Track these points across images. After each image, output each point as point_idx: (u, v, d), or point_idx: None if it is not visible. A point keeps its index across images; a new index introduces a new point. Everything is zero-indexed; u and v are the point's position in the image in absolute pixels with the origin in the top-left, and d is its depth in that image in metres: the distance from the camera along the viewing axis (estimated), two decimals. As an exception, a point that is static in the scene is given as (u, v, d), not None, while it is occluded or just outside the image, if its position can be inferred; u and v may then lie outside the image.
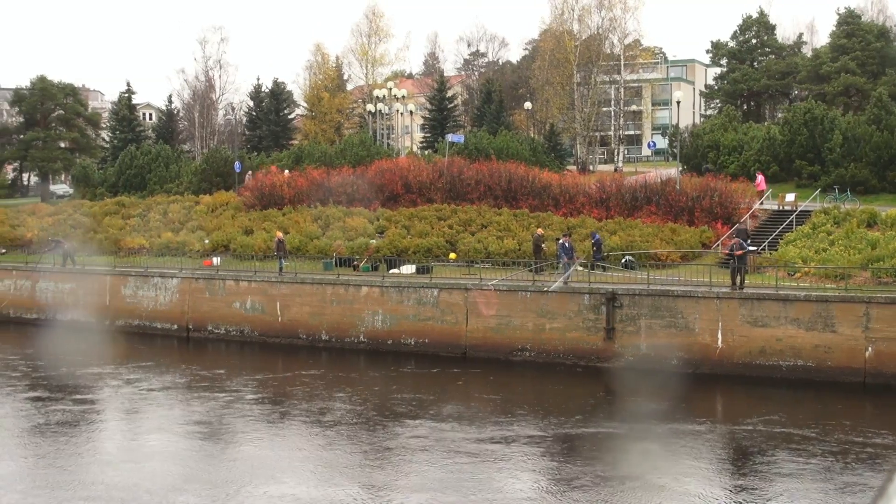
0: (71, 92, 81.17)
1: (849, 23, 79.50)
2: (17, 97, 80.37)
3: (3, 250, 57.72)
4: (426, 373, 36.04)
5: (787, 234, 43.26)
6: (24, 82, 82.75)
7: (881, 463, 22.80)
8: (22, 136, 79.37)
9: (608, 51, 79.82)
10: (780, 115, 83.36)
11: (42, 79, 78.94)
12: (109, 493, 21.31)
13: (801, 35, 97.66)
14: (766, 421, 27.50)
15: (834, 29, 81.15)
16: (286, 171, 59.94)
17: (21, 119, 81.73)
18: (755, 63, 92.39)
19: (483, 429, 26.61)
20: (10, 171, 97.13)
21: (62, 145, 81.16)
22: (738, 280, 34.33)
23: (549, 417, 28.40)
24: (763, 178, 51.85)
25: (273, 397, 32.17)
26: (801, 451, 24.05)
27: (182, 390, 33.24)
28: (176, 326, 45.00)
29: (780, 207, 47.43)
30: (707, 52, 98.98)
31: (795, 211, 45.71)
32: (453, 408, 29.62)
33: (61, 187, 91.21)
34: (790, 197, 48.16)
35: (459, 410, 29.12)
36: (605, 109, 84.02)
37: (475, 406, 29.97)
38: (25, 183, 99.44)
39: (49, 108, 79.39)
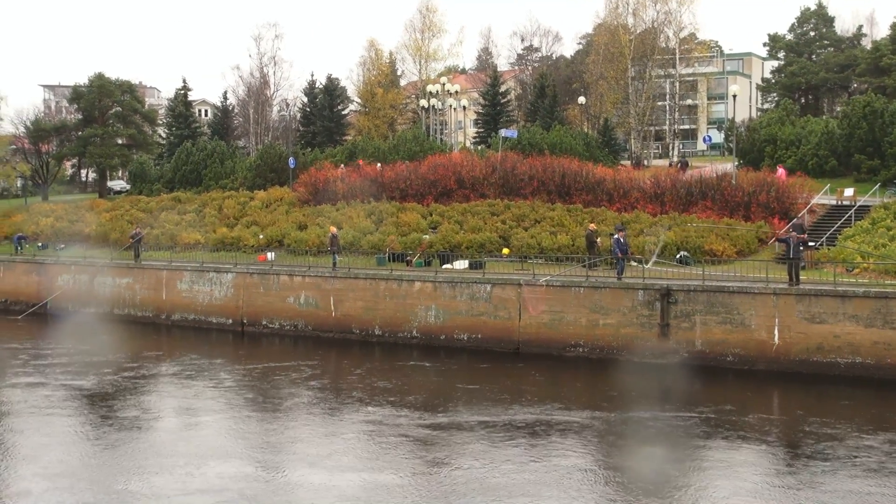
0: (128, 89, 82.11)
1: (910, 14, 78.05)
2: (76, 94, 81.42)
3: (63, 245, 58.57)
4: (481, 367, 35.97)
5: (845, 229, 42.61)
6: (83, 80, 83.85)
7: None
8: (80, 133, 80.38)
9: (663, 45, 79.10)
10: (838, 109, 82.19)
11: (100, 76, 79.92)
12: (160, 462, 21.64)
13: (860, 27, 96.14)
14: (824, 420, 27.05)
15: (895, 20, 79.73)
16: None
17: (80, 116, 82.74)
18: (813, 56, 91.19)
19: (538, 417, 26.56)
20: (69, 168, 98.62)
21: (119, 142, 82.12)
22: (794, 275, 33.88)
23: (610, 412, 28.26)
24: (783, 171, 51.21)
25: (327, 390, 32.28)
26: (857, 453, 23.64)
27: (235, 381, 33.45)
28: (231, 321, 45.39)
29: (839, 202, 46.74)
30: (764, 45, 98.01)
31: (854, 206, 45.00)
32: (512, 401, 29.56)
33: (118, 183, 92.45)
34: (849, 191, 47.47)
35: (528, 403, 29.07)
36: (659, 104, 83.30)
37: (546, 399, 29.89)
38: (84, 179, 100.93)
39: (107, 105, 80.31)
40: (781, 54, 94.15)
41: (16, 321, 49.37)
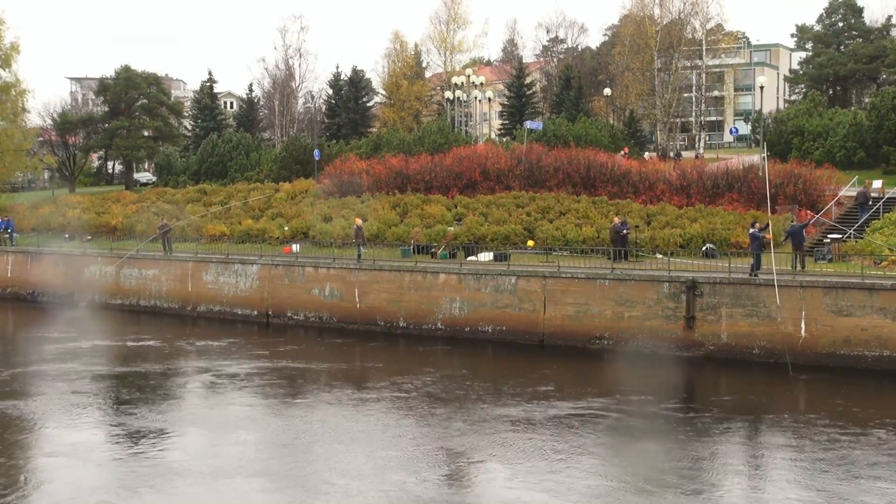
0: (154, 81, 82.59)
1: (940, 4, 77.22)
2: (103, 87, 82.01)
3: (90, 237, 58.86)
4: (505, 359, 35.96)
5: (873, 221, 42.25)
6: (110, 72, 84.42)
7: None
8: (107, 125, 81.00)
9: (690, 36, 78.70)
10: (867, 100, 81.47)
11: (126, 69, 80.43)
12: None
13: (889, 17, 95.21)
14: (851, 414, 26.85)
15: (924, 11, 78.88)
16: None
17: (106, 108, 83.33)
18: (842, 47, 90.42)
19: (560, 408, 26.52)
20: (95, 160, 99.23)
21: (146, 134, 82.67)
22: (797, 262, 34.18)
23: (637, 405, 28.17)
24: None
25: (353, 379, 32.33)
26: (883, 448, 23.45)
27: (261, 372, 33.55)
28: (256, 312, 45.49)
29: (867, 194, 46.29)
30: (792, 36, 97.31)
31: (883, 198, 44.60)
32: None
33: (145, 175, 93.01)
34: (877, 183, 47.04)
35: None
36: (686, 95, 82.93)
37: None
38: (110, 171, 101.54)
39: (133, 97, 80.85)
40: (809, 45, 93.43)
41: (43, 310, 49.75)
